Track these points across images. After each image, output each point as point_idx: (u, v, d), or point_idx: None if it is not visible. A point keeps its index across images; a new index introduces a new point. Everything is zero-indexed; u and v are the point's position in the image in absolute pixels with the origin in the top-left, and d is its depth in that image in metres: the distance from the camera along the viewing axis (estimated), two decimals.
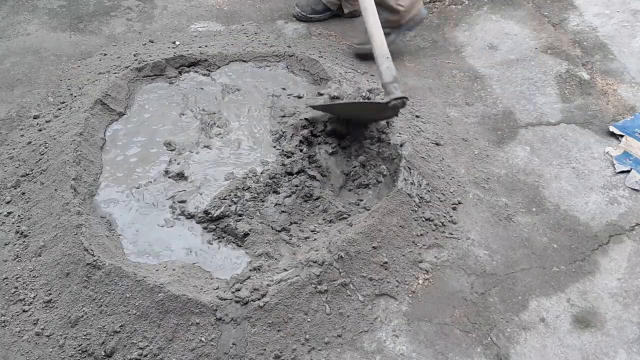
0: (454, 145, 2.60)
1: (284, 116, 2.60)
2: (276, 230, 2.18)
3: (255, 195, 2.27)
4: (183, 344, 1.80)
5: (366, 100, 2.38)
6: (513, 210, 2.33)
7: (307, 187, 2.30)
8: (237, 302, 1.86)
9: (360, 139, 2.45)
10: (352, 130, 2.44)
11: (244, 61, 2.89)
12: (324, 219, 2.24)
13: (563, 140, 2.64)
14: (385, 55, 2.19)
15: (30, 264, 2.00)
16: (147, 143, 2.47)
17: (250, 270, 2.03)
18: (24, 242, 2.07)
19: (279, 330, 1.85)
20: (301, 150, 2.44)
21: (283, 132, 2.52)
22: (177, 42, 3.05)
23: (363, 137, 2.44)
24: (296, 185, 2.30)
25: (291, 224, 2.22)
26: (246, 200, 2.25)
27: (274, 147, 2.49)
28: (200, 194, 2.27)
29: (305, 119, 2.47)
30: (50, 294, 1.91)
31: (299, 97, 2.68)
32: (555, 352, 1.88)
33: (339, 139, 2.46)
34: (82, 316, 1.85)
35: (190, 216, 2.20)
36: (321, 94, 2.51)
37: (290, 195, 2.29)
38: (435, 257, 2.13)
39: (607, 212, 2.32)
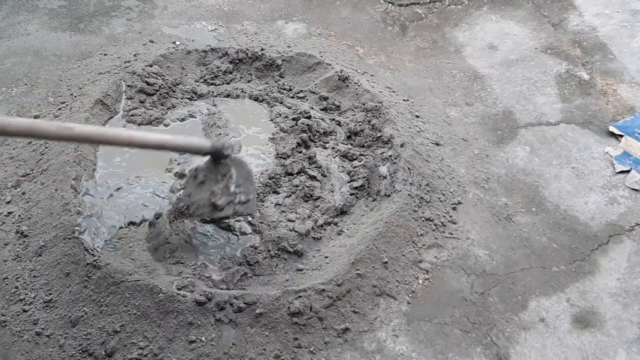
0: (454, 145, 2.60)
1: (284, 116, 2.61)
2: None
3: (255, 195, 2.27)
4: (183, 344, 1.80)
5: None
6: (513, 210, 2.33)
7: (307, 187, 2.30)
8: (236, 301, 1.86)
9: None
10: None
11: None
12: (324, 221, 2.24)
13: (563, 141, 2.64)
14: (181, 137, 1.88)
15: (30, 264, 2.00)
16: None
17: None
18: (24, 242, 2.07)
19: (278, 330, 1.85)
20: (299, 152, 2.44)
21: (281, 134, 2.52)
22: (177, 42, 3.05)
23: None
24: (296, 186, 2.31)
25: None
26: None
27: (273, 148, 2.49)
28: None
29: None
30: (50, 294, 1.91)
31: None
32: (555, 352, 1.88)
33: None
34: (82, 316, 1.85)
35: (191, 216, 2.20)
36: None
37: (290, 195, 2.29)
38: (435, 257, 2.13)
39: (606, 212, 2.32)
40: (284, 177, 2.35)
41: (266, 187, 2.30)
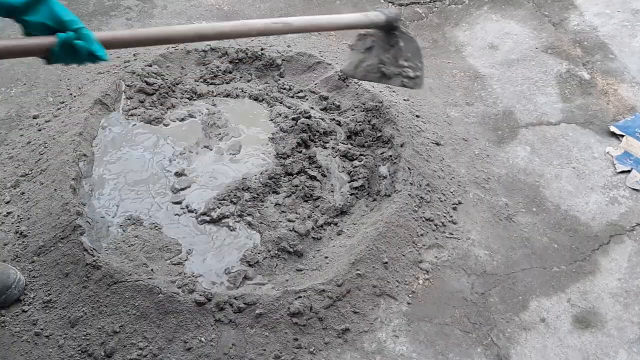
0: (454, 145, 2.60)
1: (284, 116, 2.60)
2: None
3: (255, 195, 2.26)
4: (183, 344, 1.80)
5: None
6: (513, 210, 2.32)
7: (307, 187, 2.30)
8: (236, 301, 1.86)
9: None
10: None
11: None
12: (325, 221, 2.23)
13: (563, 140, 2.64)
14: (359, 14, 1.88)
15: (29, 264, 1.99)
16: (147, 142, 2.47)
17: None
18: (23, 242, 2.06)
19: (278, 331, 1.85)
20: (299, 152, 2.44)
21: (281, 134, 2.52)
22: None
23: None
24: (296, 186, 2.30)
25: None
26: (246, 200, 2.25)
27: (273, 148, 2.49)
28: (200, 195, 2.27)
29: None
30: (49, 294, 1.91)
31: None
32: (556, 352, 1.88)
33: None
34: (82, 316, 1.84)
35: (190, 217, 2.20)
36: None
37: (290, 195, 2.29)
38: (436, 257, 2.13)
39: (607, 212, 2.32)
40: (284, 177, 2.35)
41: (266, 187, 2.29)
